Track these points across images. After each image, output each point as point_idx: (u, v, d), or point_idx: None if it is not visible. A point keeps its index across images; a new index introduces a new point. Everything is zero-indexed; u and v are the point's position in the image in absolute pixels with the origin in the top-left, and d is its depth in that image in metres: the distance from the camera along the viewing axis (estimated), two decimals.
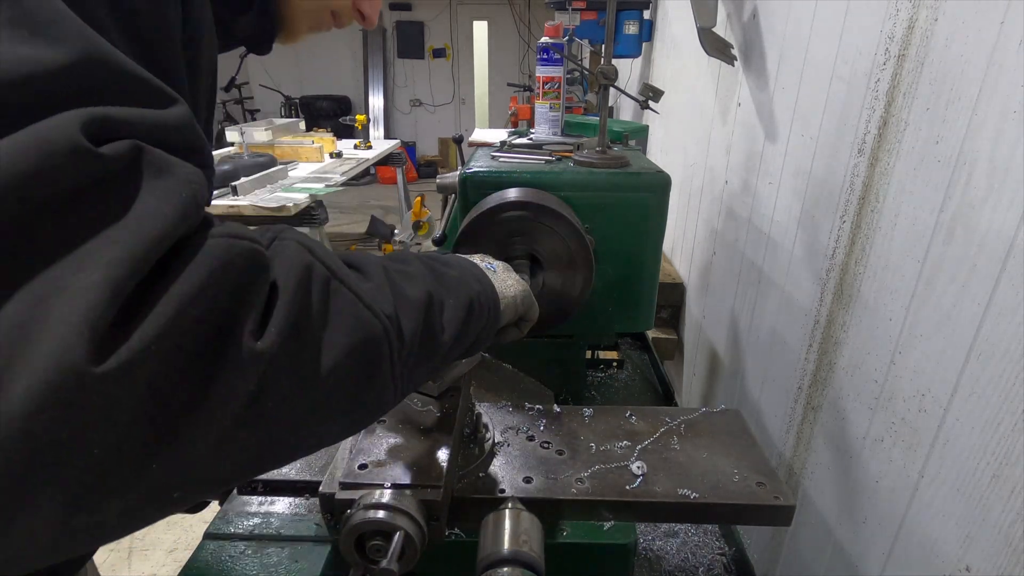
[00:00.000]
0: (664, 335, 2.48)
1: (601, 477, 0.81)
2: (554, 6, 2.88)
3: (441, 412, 0.83)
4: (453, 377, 0.88)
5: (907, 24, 1.08)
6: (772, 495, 0.78)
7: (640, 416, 0.93)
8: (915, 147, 1.05)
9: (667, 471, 0.82)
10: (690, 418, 0.92)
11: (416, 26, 9.70)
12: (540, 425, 0.91)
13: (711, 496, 0.77)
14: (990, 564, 0.85)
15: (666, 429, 0.90)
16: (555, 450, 0.86)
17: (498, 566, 0.60)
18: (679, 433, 0.90)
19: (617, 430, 0.91)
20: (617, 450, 0.86)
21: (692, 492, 0.78)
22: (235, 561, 0.70)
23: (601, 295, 1.22)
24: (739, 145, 1.92)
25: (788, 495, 0.78)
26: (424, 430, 0.79)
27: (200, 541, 0.72)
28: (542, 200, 1.13)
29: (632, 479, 0.80)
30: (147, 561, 2.36)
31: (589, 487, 0.79)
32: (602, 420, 0.93)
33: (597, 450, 0.86)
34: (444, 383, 0.86)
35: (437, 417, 0.82)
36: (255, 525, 0.75)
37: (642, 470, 0.81)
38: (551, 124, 1.55)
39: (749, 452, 0.86)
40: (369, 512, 0.64)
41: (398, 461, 0.73)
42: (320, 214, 3.99)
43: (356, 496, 0.67)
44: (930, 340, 0.99)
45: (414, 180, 9.39)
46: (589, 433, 0.90)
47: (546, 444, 0.87)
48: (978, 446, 0.88)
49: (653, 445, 0.87)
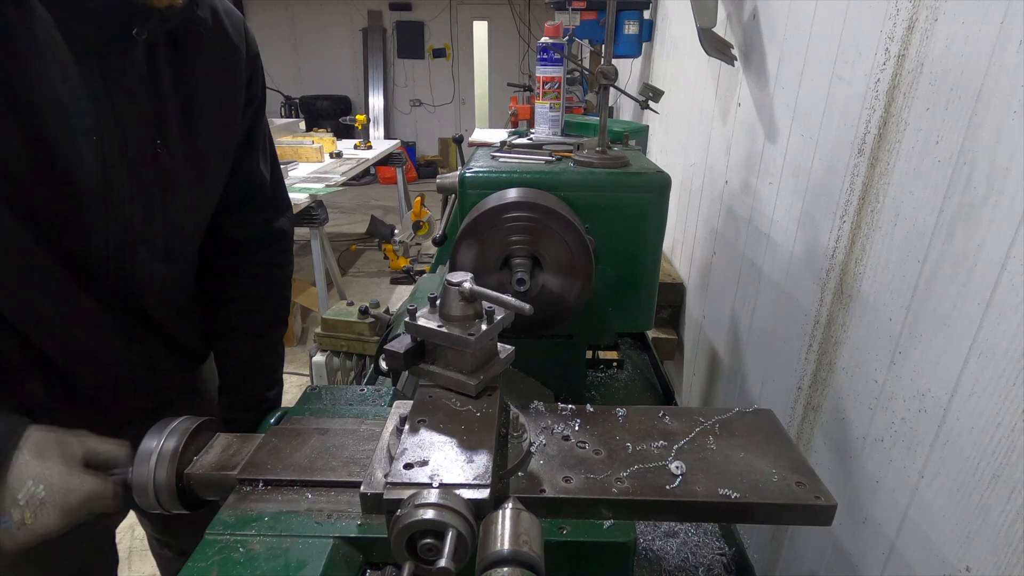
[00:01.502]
0: (664, 335, 2.48)
1: (640, 477, 0.80)
2: (554, 6, 2.88)
3: (480, 411, 0.83)
4: (491, 376, 0.88)
5: (907, 24, 1.08)
6: (813, 495, 0.77)
7: (674, 416, 0.93)
8: (915, 147, 1.05)
9: (706, 471, 0.81)
10: (724, 418, 0.92)
11: (416, 26, 9.70)
12: (575, 425, 0.90)
13: (752, 496, 0.77)
14: (990, 564, 0.85)
15: (701, 429, 0.89)
16: (592, 450, 0.85)
17: (498, 566, 0.60)
18: (714, 433, 0.89)
19: (652, 430, 0.90)
20: (654, 450, 0.85)
21: (733, 492, 0.77)
22: (236, 560, 0.69)
23: (601, 295, 1.22)
24: (739, 145, 1.92)
25: (828, 495, 0.77)
26: (465, 429, 0.79)
27: (201, 540, 0.72)
28: (542, 200, 1.13)
29: (671, 479, 0.80)
30: (147, 562, 2.36)
31: (629, 487, 0.78)
32: (636, 420, 0.92)
33: (634, 450, 0.85)
34: (482, 382, 0.86)
35: (477, 416, 0.82)
36: (256, 524, 0.75)
37: (681, 470, 0.81)
38: (551, 124, 1.55)
39: (785, 452, 0.85)
40: (420, 511, 0.64)
41: (442, 460, 0.73)
42: (320, 214, 3.99)
43: (404, 495, 0.67)
44: (930, 340, 0.99)
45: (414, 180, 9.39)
46: (624, 433, 0.89)
47: (582, 444, 0.86)
48: (978, 446, 0.88)
49: (689, 445, 0.87)
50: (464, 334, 0.84)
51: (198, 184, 1.04)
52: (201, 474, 0.87)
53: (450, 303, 0.86)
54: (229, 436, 0.95)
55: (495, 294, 0.85)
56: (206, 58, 0.98)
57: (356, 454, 0.87)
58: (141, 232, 0.97)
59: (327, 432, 0.91)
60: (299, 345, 4.34)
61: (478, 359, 0.87)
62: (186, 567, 0.68)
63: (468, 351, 0.85)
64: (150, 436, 0.88)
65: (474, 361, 0.87)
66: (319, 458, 0.86)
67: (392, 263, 5.69)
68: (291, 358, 4.13)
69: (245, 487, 0.82)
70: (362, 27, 9.64)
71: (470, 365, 0.87)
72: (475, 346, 0.84)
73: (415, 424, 0.80)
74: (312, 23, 9.66)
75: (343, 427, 0.93)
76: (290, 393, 3.71)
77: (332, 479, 0.82)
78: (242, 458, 0.86)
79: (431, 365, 0.89)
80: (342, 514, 0.77)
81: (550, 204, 1.12)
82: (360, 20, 9.61)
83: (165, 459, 0.85)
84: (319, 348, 2.94)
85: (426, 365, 0.90)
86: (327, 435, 0.91)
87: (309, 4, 9.50)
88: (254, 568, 0.68)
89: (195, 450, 0.90)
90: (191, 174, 1.01)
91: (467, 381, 0.86)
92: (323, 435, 0.91)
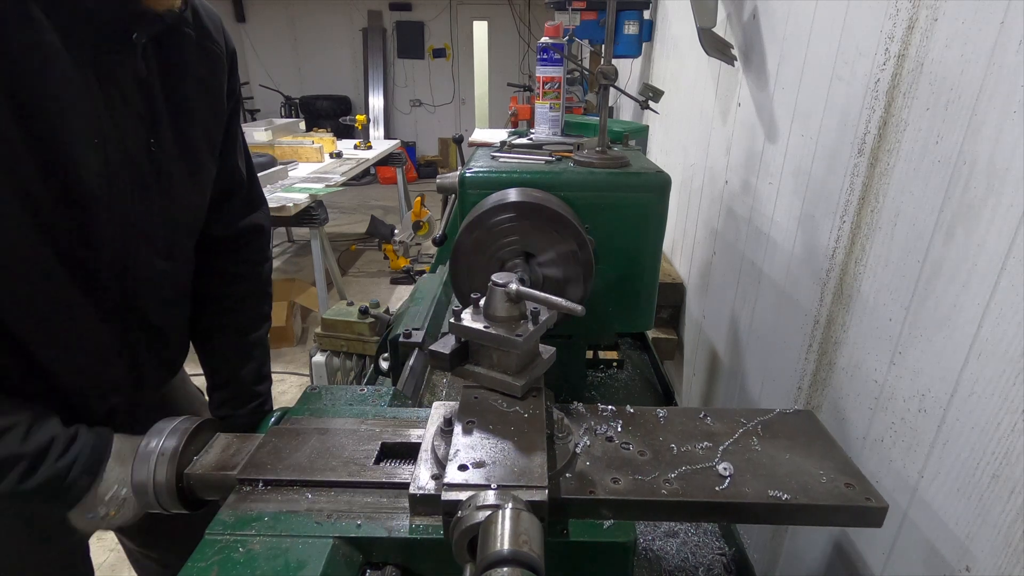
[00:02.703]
0: (664, 335, 2.48)
1: (688, 478, 0.80)
2: (554, 6, 2.88)
3: (528, 412, 0.84)
4: (535, 377, 0.89)
5: (907, 24, 1.08)
6: (863, 497, 0.77)
7: (715, 417, 0.93)
8: (915, 147, 1.05)
9: (753, 472, 0.81)
10: (766, 419, 0.92)
11: (416, 26, 9.71)
12: (617, 426, 0.90)
13: (802, 498, 0.76)
14: (990, 564, 0.85)
15: (744, 430, 0.89)
16: (636, 451, 0.85)
17: (498, 566, 0.60)
18: (757, 434, 0.89)
19: (695, 431, 0.89)
20: (699, 451, 0.85)
21: (783, 494, 0.76)
22: (236, 560, 0.69)
23: (601, 295, 1.22)
24: (739, 145, 1.92)
25: (879, 496, 0.77)
26: (515, 431, 0.80)
27: (201, 540, 0.72)
28: (542, 201, 1.13)
29: (720, 480, 0.79)
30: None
31: (678, 488, 0.78)
32: (678, 421, 0.92)
33: (679, 451, 0.85)
34: (527, 384, 0.86)
35: (525, 418, 0.83)
36: (256, 524, 0.75)
37: (729, 471, 0.80)
38: (551, 124, 1.55)
39: (831, 453, 0.85)
40: (482, 513, 0.65)
41: (496, 462, 0.74)
42: (320, 214, 3.99)
43: (462, 497, 0.68)
44: (930, 340, 0.99)
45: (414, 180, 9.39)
46: (667, 434, 0.89)
47: (626, 445, 0.86)
48: (978, 446, 0.88)
49: (734, 446, 0.86)
50: (511, 335, 0.84)
51: (192, 180, 1.05)
52: (201, 474, 0.87)
53: (496, 304, 0.86)
54: (229, 436, 0.95)
55: (543, 295, 0.85)
56: (191, 56, 0.99)
57: (356, 454, 0.87)
58: (143, 230, 0.97)
59: (327, 432, 0.92)
60: (299, 345, 4.34)
61: (523, 360, 0.88)
62: (186, 567, 0.68)
63: (515, 352, 0.86)
64: (150, 436, 0.89)
65: (519, 362, 0.88)
66: (319, 458, 0.86)
67: (392, 263, 5.70)
68: (291, 358, 4.13)
69: (245, 487, 0.82)
70: (362, 27, 9.64)
71: (515, 366, 0.87)
72: (522, 347, 0.85)
73: (466, 426, 0.80)
74: (312, 23, 9.66)
75: (343, 427, 0.93)
76: (289, 393, 3.72)
77: (332, 479, 0.82)
78: (242, 458, 0.86)
79: (476, 366, 0.90)
80: (342, 514, 0.77)
81: (550, 204, 1.12)
82: (360, 20, 9.61)
83: (165, 459, 0.86)
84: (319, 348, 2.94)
85: (471, 366, 0.90)
86: (327, 435, 0.91)
87: (309, 4, 9.50)
88: (254, 568, 0.68)
89: (195, 450, 0.90)
90: (185, 171, 1.02)
91: (513, 382, 0.86)
92: (323, 435, 0.91)
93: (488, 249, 1.13)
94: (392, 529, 0.75)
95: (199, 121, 1.03)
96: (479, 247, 1.13)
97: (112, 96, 0.87)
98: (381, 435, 0.91)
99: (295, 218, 3.87)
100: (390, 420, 0.97)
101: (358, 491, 0.81)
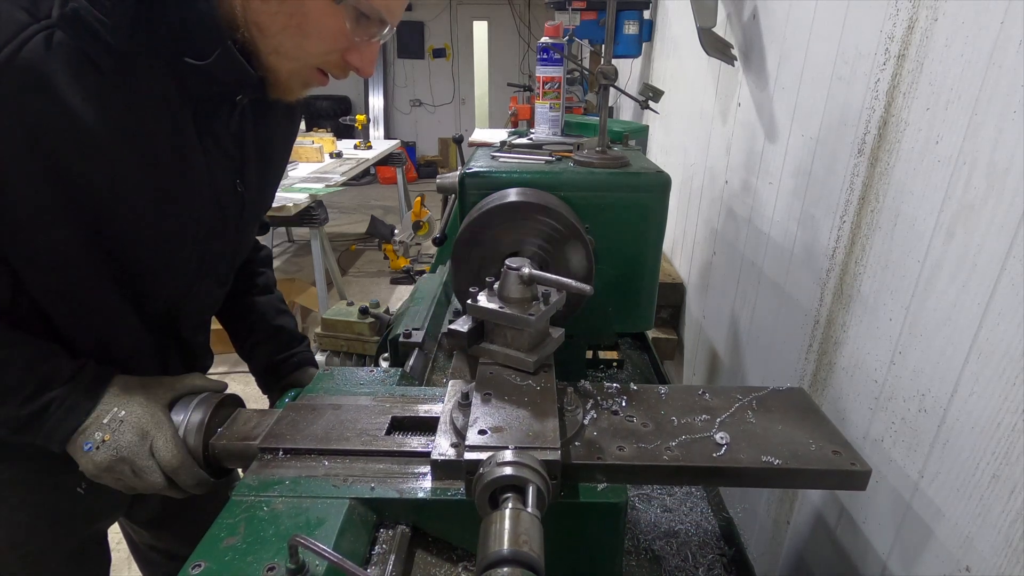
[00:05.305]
0: (664, 335, 2.48)
1: (688, 447, 0.86)
2: (554, 6, 2.89)
3: (540, 386, 0.91)
4: (545, 355, 0.97)
5: (907, 24, 1.08)
6: (848, 462, 0.83)
7: (713, 394, 0.99)
8: (915, 147, 1.05)
9: (748, 441, 0.87)
10: (760, 395, 0.98)
11: (416, 26, 9.71)
12: (621, 401, 0.96)
13: (792, 463, 0.82)
14: (990, 564, 0.85)
15: (739, 405, 0.95)
16: (639, 423, 0.91)
17: (498, 566, 0.60)
18: (752, 408, 0.95)
19: (694, 406, 0.96)
20: (698, 423, 0.91)
21: (775, 459, 0.83)
22: (261, 517, 0.75)
23: (601, 295, 1.22)
24: (739, 145, 1.92)
25: (863, 461, 0.83)
26: (529, 401, 0.88)
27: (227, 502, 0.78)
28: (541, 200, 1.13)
29: (717, 448, 0.86)
30: None
31: (679, 455, 0.84)
32: (678, 397, 0.98)
33: (679, 423, 0.91)
34: (539, 360, 0.94)
35: (537, 390, 0.90)
36: (278, 487, 0.81)
37: (725, 440, 0.86)
38: (551, 124, 1.55)
39: (820, 425, 0.91)
40: (501, 469, 0.70)
41: (512, 427, 0.81)
42: (320, 214, 3.99)
43: (483, 456, 0.74)
44: (930, 340, 0.99)
45: (414, 180, 9.39)
46: (668, 408, 0.95)
47: (630, 418, 0.93)
48: (978, 446, 0.88)
49: (730, 419, 0.92)
50: (525, 314, 0.92)
51: (260, 216, 1.16)
52: (226, 444, 0.94)
53: (509, 286, 0.94)
54: (249, 411, 1.02)
55: (555, 277, 0.93)
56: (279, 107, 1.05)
57: (368, 426, 0.93)
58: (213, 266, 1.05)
59: (341, 407, 0.98)
60: None
61: (535, 338, 0.97)
62: (215, 524, 0.73)
63: (528, 330, 0.94)
64: (176, 411, 0.95)
65: (531, 340, 0.96)
66: (334, 430, 0.92)
67: (392, 263, 5.70)
68: None
69: (267, 455, 0.88)
70: None
71: (528, 344, 0.95)
72: (535, 326, 0.93)
73: (484, 396, 0.88)
74: None
75: (355, 403, 1.00)
76: None
77: (347, 448, 0.88)
78: (263, 430, 0.93)
79: (490, 344, 0.98)
80: (357, 479, 0.83)
81: (550, 204, 1.12)
82: None
83: (192, 430, 0.93)
84: (319, 348, 2.94)
85: (486, 344, 0.98)
86: (341, 410, 0.97)
87: None
88: (278, 524, 0.73)
89: (218, 423, 0.97)
90: (259, 209, 1.14)
91: (526, 358, 0.94)
92: (337, 410, 0.97)
93: (488, 249, 1.13)
94: (403, 491, 0.81)
95: (277, 163, 1.15)
96: (479, 247, 1.13)
97: (207, 143, 0.93)
98: (391, 410, 0.97)
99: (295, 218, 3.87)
100: (399, 397, 1.02)
101: (371, 459, 0.87)
